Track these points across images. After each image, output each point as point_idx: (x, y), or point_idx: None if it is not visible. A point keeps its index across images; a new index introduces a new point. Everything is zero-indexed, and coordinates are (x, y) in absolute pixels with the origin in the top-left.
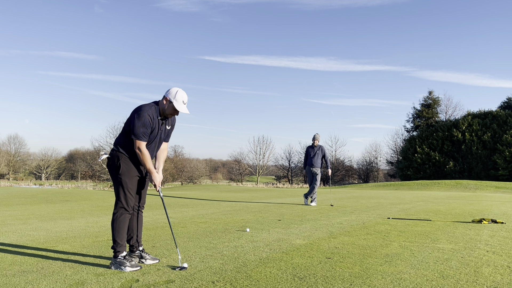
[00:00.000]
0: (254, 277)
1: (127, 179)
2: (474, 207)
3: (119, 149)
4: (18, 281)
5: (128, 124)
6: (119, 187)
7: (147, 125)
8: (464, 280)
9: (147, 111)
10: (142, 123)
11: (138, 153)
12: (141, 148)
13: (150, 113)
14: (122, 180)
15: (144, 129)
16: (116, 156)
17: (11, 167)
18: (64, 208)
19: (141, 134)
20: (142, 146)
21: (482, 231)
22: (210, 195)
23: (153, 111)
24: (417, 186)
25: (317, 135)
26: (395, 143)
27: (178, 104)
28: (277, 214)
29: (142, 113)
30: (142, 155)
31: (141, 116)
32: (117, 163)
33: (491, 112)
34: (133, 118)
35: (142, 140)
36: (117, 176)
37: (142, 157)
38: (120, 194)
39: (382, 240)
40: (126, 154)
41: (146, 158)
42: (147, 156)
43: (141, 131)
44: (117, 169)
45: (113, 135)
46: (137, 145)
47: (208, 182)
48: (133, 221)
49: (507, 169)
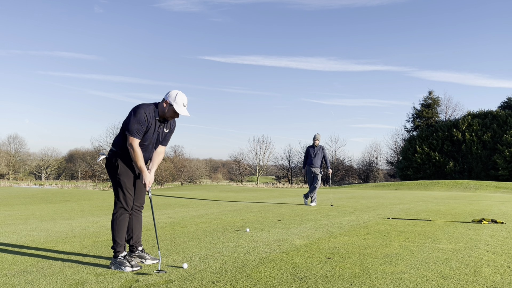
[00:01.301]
0: (254, 277)
1: (125, 179)
2: (474, 207)
3: (117, 149)
4: (18, 281)
5: (124, 122)
6: (118, 187)
7: (142, 122)
8: (464, 280)
9: (144, 110)
10: (137, 120)
11: (129, 149)
12: (133, 144)
13: (147, 112)
14: (120, 180)
15: (139, 126)
16: (114, 156)
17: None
18: (64, 208)
19: (134, 131)
20: (135, 142)
21: (482, 231)
22: (210, 195)
23: (151, 110)
24: (417, 186)
25: (317, 135)
26: (395, 143)
27: (178, 107)
28: (277, 214)
29: (139, 110)
30: (134, 151)
31: (137, 113)
32: (115, 163)
33: (491, 112)
34: (129, 115)
35: (135, 137)
36: (115, 176)
37: (133, 154)
38: (119, 194)
39: (382, 240)
40: (124, 154)
41: (137, 155)
42: (139, 153)
43: (135, 127)
44: (115, 169)
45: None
46: (129, 141)
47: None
48: (133, 221)
49: (507, 169)
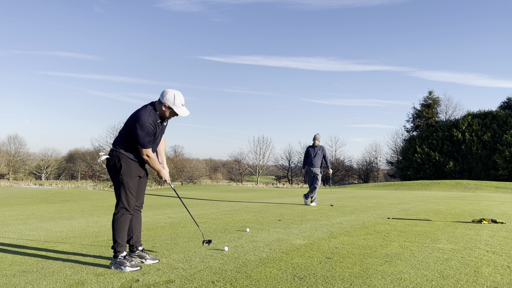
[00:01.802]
0: (254, 277)
1: (128, 180)
2: (474, 207)
3: (120, 150)
4: (18, 281)
5: (128, 130)
6: (120, 188)
7: (151, 133)
8: (464, 280)
9: (148, 120)
10: (146, 133)
11: (146, 159)
12: (149, 154)
13: (150, 121)
14: (123, 180)
15: (149, 137)
16: (117, 157)
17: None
18: (64, 208)
19: (147, 143)
20: (150, 152)
21: (482, 231)
22: (210, 195)
23: (152, 117)
24: (417, 186)
25: (317, 135)
26: (395, 143)
27: (178, 109)
28: (277, 214)
29: (144, 124)
30: (151, 160)
31: (144, 127)
32: (118, 163)
33: (491, 112)
34: (135, 129)
35: (149, 148)
36: (118, 176)
37: (151, 162)
38: (121, 195)
39: (382, 240)
40: (126, 155)
41: (155, 162)
42: (156, 159)
43: (146, 140)
44: (119, 169)
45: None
46: (145, 153)
47: (208, 182)
48: (132, 221)
49: (507, 169)
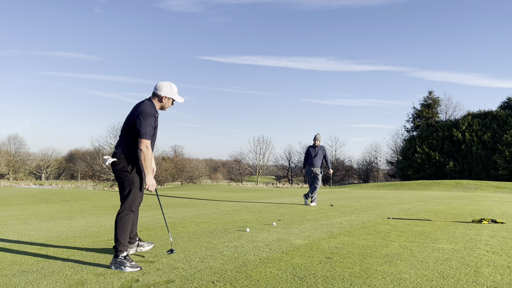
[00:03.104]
0: (254, 277)
1: (137, 180)
2: (474, 207)
3: (129, 152)
4: (18, 281)
5: (130, 123)
6: (129, 189)
7: (153, 124)
8: (464, 280)
9: (151, 111)
10: (149, 123)
11: (143, 152)
12: (148, 146)
13: (152, 111)
14: (133, 180)
15: (151, 128)
16: (126, 158)
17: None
18: (64, 208)
19: (148, 133)
20: (149, 144)
21: (482, 231)
22: (210, 195)
23: (153, 109)
24: (417, 186)
25: (318, 135)
26: (395, 143)
27: (177, 97)
28: (277, 214)
29: (147, 113)
30: (147, 154)
31: (148, 116)
32: (128, 165)
33: (491, 112)
34: (138, 118)
35: (149, 140)
36: (127, 178)
37: (146, 157)
38: (129, 196)
39: (382, 240)
40: (133, 156)
41: (150, 158)
42: (152, 158)
43: (148, 130)
44: (129, 171)
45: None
46: (144, 144)
47: (208, 182)
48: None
49: (507, 169)
